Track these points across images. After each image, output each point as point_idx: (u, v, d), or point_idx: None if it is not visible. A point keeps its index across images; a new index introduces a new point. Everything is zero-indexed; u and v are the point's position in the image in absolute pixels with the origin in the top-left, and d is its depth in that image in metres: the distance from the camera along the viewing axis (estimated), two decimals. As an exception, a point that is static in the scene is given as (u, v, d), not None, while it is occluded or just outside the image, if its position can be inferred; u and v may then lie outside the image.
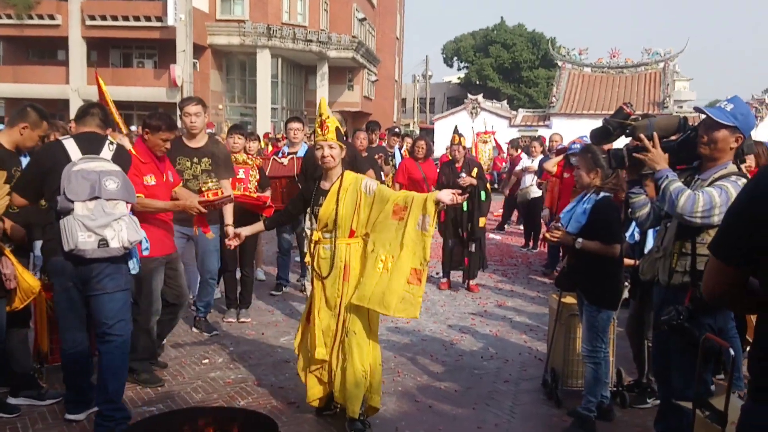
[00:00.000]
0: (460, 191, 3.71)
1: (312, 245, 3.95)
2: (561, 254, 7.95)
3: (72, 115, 28.06)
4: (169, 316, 4.78)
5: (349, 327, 3.77)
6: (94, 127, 3.82)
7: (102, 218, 3.47)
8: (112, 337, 3.71)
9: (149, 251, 4.14)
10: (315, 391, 3.98)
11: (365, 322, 3.81)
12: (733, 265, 1.62)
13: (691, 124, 3.35)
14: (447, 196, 3.61)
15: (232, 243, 4.17)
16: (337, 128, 3.86)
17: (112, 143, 3.78)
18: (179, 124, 5.29)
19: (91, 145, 3.69)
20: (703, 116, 3.09)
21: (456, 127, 8.28)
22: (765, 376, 1.62)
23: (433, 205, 3.64)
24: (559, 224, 4.12)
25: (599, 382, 4.00)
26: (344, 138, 3.97)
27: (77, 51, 30.85)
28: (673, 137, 3.30)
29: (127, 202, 3.64)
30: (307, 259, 4.02)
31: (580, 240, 3.91)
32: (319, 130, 3.88)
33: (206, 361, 5.11)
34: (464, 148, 7.75)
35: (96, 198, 3.48)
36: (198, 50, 31.14)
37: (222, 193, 4.52)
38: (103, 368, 3.73)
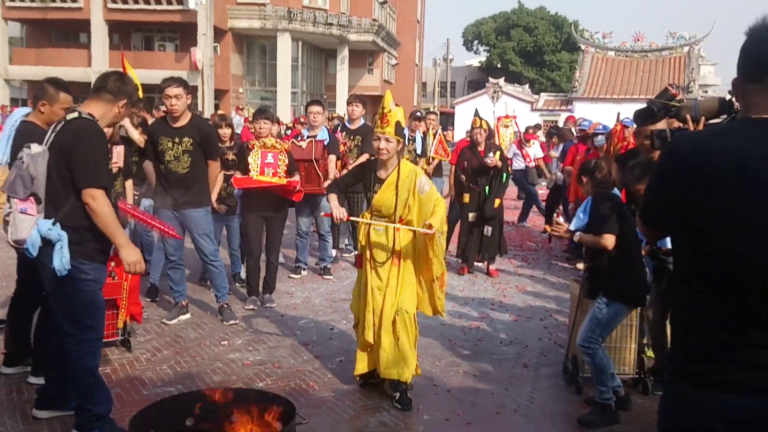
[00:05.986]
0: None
1: (363, 227, 4.21)
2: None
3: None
4: None
5: (401, 306, 4.07)
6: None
7: None
8: None
9: None
10: (361, 366, 4.24)
11: (413, 301, 4.16)
12: (657, 228, 1.98)
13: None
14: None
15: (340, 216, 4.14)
16: (397, 123, 4.01)
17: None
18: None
19: None
20: None
21: (476, 110, 8.13)
22: (691, 355, 1.68)
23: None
24: (560, 219, 4.39)
25: (601, 370, 3.98)
26: (403, 132, 4.15)
27: (99, 34, 31.05)
28: (715, 120, 3.22)
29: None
30: (361, 239, 4.24)
31: (577, 233, 4.10)
32: (379, 121, 4.05)
33: (225, 342, 5.13)
34: (485, 131, 7.62)
35: None
36: (219, 34, 31.17)
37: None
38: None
